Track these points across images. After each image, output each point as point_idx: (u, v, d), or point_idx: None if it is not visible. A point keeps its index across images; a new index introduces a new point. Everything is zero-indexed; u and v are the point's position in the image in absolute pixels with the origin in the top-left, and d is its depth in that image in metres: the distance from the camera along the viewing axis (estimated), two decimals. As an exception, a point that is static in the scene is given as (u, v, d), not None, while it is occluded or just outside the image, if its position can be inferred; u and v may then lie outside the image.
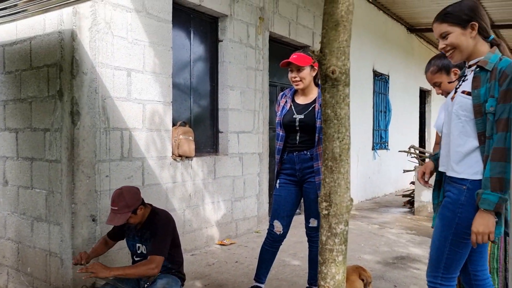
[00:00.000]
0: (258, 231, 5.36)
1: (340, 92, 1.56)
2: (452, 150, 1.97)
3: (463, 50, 1.94)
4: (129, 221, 2.71)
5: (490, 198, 1.76)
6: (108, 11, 3.56)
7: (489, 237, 1.79)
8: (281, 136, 3.11)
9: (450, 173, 1.99)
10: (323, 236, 1.62)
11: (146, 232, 2.80)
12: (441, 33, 1.98)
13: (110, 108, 3.59)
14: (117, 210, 2.66)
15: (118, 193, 2.71)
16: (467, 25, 1.91)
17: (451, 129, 1.98)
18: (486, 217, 1.79)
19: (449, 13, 1.95)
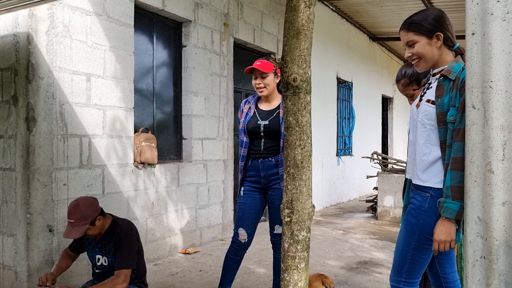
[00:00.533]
0: (223, 239, 5.31)
1: (301, 100, 1.56)
2: (418, 158, 2.00)
3: (428, 59, 1.98)
4: (87, 233, 2.63)
5: (452, 206, 1.79)
6: (67, 14, 3.45)
7: (451, 244, 1.83)
8: (245, 143, 3.10)
9: (416, 181, 2.03)
10: (286, 243, 1.62)
11: (108, 243, 2.72)
12: (407, 42, 1.99)
13: (68, 114, 3.47)
14: (74, 222, 2.56)
15: (74, 205, 2.62)
16: (432, 35, 1.94)
17: (417, 138, 2.01)
18: (447, 225, 1.82)
19: (415, 22, 1.97)
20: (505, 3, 1.58)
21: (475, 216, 1.64)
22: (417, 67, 2.04)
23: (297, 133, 1.55)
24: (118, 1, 3.91)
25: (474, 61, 1.63)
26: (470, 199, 1.66)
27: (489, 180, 1.60)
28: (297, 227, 1.55)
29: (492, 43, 1.59)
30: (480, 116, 1.62)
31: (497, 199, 1.59)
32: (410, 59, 2.03)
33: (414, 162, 2.05)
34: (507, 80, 1.57)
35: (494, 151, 1.59)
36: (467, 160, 1.67)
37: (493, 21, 1.59)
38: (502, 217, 1.58)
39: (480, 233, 1.63)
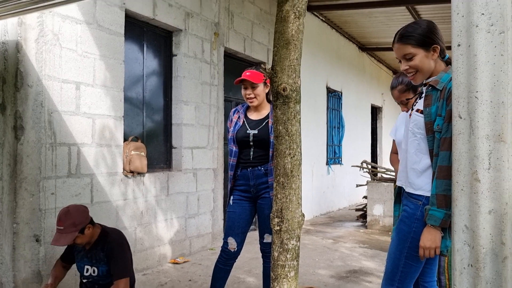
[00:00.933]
0: (212, 248, 5.28)
1: (291, 109, 1.58)
2: (409, 167, 2.03)
3: (426, 72, 1.97)
4: (76, 241, 2.60)
5: (436, 214, 1.82)
6: (57, 23, 3.44)
7: (435, 251, 1.85)
8: (235, 152, 3.10)
9: (408, 189, 2.05)
10: (275, 252, 1.62)
11: (98, 253, 2.70)
12: (405, 54, 1.96)
13: (57, 123, 3.45)
14: (63, 229, 2.55)
15: (65, 211, 2.60)
16: (430, 48, 1.94)
17: (408, 146, 2.04)
18: (433, 232, 1.84)
19: (411, 35, 1.94)
20: (489, 16, 1.62)
21: (462, 224, 1.66)
22: (413, 80, 2.01)
23: (286, 142, 1.56)
24: (109, 10, 3.92)
25: (460, 72, 1.66)
26: (457, 207, 1.68)
27: (475, 189, 1.62)
28: (286, 236, 1.56)
29: (477, 54, 1.62)
30: (466, 125, 1.65)
31: (484, 207, 1.61)
32: (406, 72, 2.01)
33: (405, 170, 2.08)
34: (492, 91, 1.61)
35: (480, 160, 1.62)
36: (454, 169, 1.70)
37: (478, 33, 1.62)
38: (489, 225, 1.61)
39: (467, 241, 1.65)
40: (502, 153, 1.61)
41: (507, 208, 1.62)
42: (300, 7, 1.56)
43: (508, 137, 1.63)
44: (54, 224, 3.41)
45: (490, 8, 1.62)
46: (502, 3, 1.61)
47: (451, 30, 1.70)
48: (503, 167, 1.62)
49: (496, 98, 1.60)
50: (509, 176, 1.65)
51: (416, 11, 7.53)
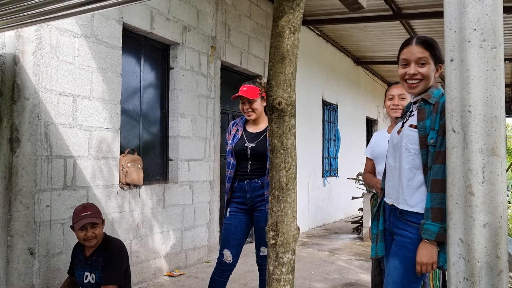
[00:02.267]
0: (208, 261, 5.25)
1: (286, 123, 1.59)
2: (403, 183, 2.00)
3: (427, 84, 1.99)
4: (95, 232, 2.73)
5: (431, 228, 1.80)
6: (54, 36, 3.46)
7: (433, 266, 1.84)
8: (232, 164, 3.11)
9: (402, 206, 2.00)
10: (270, 265, 1.62)
11: (98, 259, 2.76)
12: (420, 58, 1.96)
13: (53, 135, 3.45)
14: (91, 214, 2.72)
15: (86, 203, 2.88)
16: (437, 64, 1.99)
17: (402, 163, 2.01)
18: (429, 247, 1.83)
19: (433, 45, 1.97)
20: (481, 32, 1.65)
21: (457, 238, 1.67)
22: (414, 87, 2.01)
23: (282, 156, 1.57)
24: (107, 23, 3.95)
25: (453, 86, 1.69)
26: (452, 221, 1.69)
27: (470, 202, 1.64)
28: (282, 249, 1.55)
29: (470, 69, 1.65)
30: (460, 139, 1.67)
31: (478, 221, 1.62)
32: (411, 77, 1.99)
33: (398, 187, 2.04)
34: (485, 105, 1.63)
35: (474, 173, 1.63)
36: (449, 182, 1.71)
37: (471, 48, 1.65)
38: (483, 239, 1.61)
39: (462, 255, 1.66)
40: (495, 166, 1.62)
41: (501, 222, 1.63)
42: (296, 22, 1.58)
43: (501, 150, 1.65)
44: (48, 237, 3.39)
45: (482, 23, 1.65)
46: (494, 19, 1.64)
47: (444, 45, 1.73)
48: (497, 180, 1.63)
49: (489, 112, 1.62)
50: (502, 189, 1.66)
51: (410, 25, 7.63)
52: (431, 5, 6.51)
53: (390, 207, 2.09)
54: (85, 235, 2.71)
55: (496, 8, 1.67)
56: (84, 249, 2.84)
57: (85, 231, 2.71)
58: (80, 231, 2.72)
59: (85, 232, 2.71)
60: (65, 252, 3.51)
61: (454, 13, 1.72)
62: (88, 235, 2.71)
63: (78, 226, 2.70)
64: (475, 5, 1.67)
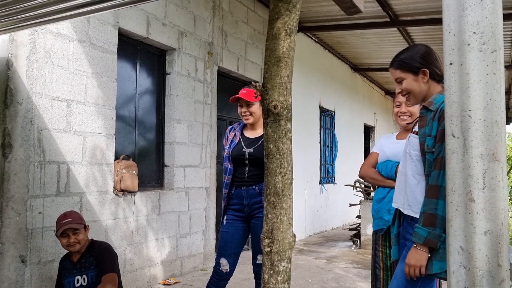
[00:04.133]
0: (204, 269, 5.18)
1: (282, 127, 1.55)
2: (408, 190, 2.03)
3: (417, 94, 2.02)
4: (78, 238, 2.79)
5: (420, 232, 1.82)
6: (49, 40, 3.43)
7: (421, 270, 1.83)
8: (229, 170, 3.06)
9: (407, 211, 2.03)
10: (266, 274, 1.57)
11: (88, 259, 2.84)
12: (396, 78, 2.06)
13: (46, 140, 3.40)
14: (72, 220, 2.78)
15: (67, 211, 2.94)
16: (418, 72, 1.99)
17: (406, 169, 2.04)
18: (418, 251, 1.84)
19: (401, 61, 2.03)
20: (481, 35, 1.62)
21: (458, 245, 1.62)
22: (408, 101, 2.11)
23: (277, 161, 1.53)
24: (102, 28, 3.91)
25: (453, 90, 1.65)
26: (452, 228, 1.64)
27: (470, 209, 1.59)
28: (277, 257, 1.51)
29: (469, 73, 1.61)
30: (460, 144, 1.63)
31: (479, 228, 1.58)
32: (401, 95, 2.09)
33: (404, 193, 2.06)
34: (485, 110, 1.59)
35: (475, 179, 1.59)
36: (448, 188, 1.67)
37: (470, 51, 1.62)
38: (485, 246, 1.57)
39: (463, 263, 1.61)
40: (496, 172, 1.58)
41: (503, 229, 1.59)
42: (292, 24, 1.55)
43: (502, 156, 1.61)
44: (40, 244, 3.33)
45: (481, 27, 1.62)
46: (494, 22, 1.61)
47: (443, 49, 1.70)
48: (498, 186, 1.59)
49: (489, 116, 1.58)
50: (504, 195, 1.62)
51: (408, 32, 7.63)
52: (428, 12, 6.52)
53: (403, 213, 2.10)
54: (67, 241, 2.81)
55: (496, 11, 1.64)
56: (71, 257, 2.91)
57: (67, 238, 2.81)
58: (62, 238, 2.82)
59: (67, 238, 2.81)
60: (57, 260, 3.43)
61: (453, 16, 1.69)
62: (71, 241, 2.80)
63: (59, 233, 2.80)
64: (475, 8, 1.64)
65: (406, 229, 2.08)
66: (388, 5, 6.31)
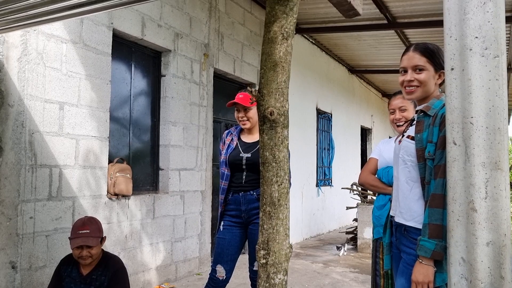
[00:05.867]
0: (199, 273, 5.11)
1: (278, 134, 1.50)
2: (400, 196, 1.95)
3: (426, 91, 1.92)
4: (91, 252, 2.57)
5: (427, 245, 1.72)
6: (41, 41, 3.36)
7: (429, 286, 1.75)
8: (226, 175, 3.01)
9: (398, 219, 1.96)
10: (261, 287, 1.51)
11: (100, 277, 2.62)
12: (416, 65, 1.91)
13: (38, 144, 3.33)
14: (90, 232, 2.56)
15: (87, 218, 2.68)
16: (438, 71, 1.91)
17: (399, 175, 1.96)
18: (425, 265, 1.74)
19: (431, 50, 1.92)
20: (483, 39, 1.57)
21: (459, 256, 1.57)
22: (410, 93, 1.95)
23: (274, 169, 1.47)
24: (96, 29, 3.85)
25: (454, 96, 1.60)
26: (453, 238, 1.59)
27: (472, 219, 1.54)
28: (273, 269, 1.45)
29: (471, 78, 1.56)
30: (462, 152, 1.58)
31: (481, 239, 1.53)
32: (408, 84, 1.94)
33: (396, 199, 1.99)
34: (488, 116, 1.54)
35: (477, 188, 1.54)
36: (449, 197, 1.62)
37: (472, 56, 1.57)
38: (487, 258, 1.52)
39: (464, 275, 1.56)
40: (499, 181, 1.53)
41: (505, 240, 1.54)
42: (289, 28, 1.50)
43: (504, 164, 1.56)
44: (31, 250, 3.26)
45: (483, 31, 1.57)
46: (496, 26, 1.56)
47: (444, 54, 1.65)
48: (500, 196, 1.54)
49: (492, 124, 1.54)
50: (506, 205, 1.58)
51: (405, 35, 7.60)
52: (426, 14, 6.49)
53: (396, 223, 2.02)
54: (80, 253, 2.59)
55: (498, 15, 1.59)
56: (80, 267, 2.69)
57: (80, 250, 2.59)
58: (75, 249, 2.60)
59: (80, 250, 2.59)
60: (49, 265, 3.37)
61: (454, 20, 1.64)
62: (83, 255, 2.59)
63: (73, 245, 2.58)
64: (477, 12, 1.59)
65: (400, 240, 1.98)
66: (386, 7, 6.28)
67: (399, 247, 2.00)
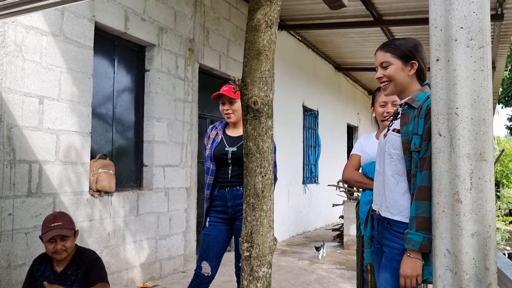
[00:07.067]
0: (184, 271, 5.06)
1: (262, 124, 1.46)
2: (386, 190, 1.93)
3: (398, 84, 1.93)
4: (66, 245, 2.51)
5: (415, 238, 1.70)
6: (20, 33, 3.27)
7: (417, 280, 1.74)
8: (212, 170, 2.95)
9: (384, 213, 1.93)
10: (245, 280, 1.48)
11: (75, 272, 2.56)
12: (382, 62, 1.95)
13: (17, 138, 3.24)
14: (62, 224, 2.50)
15: (57, 213, 2.65)
16: (408, 62, 1.91)
17: (385, 169, 1.94)
18: (413, 259, 1.73)
19: (395, 45, 1.94)
20: (468, 30, 1.56)
21: (444, 248, 1.56)
22: (384, 90, 1.98)
23: (257, 160, 1.44)
24: (77, 22, 3.76)
25: (439, 87, 1.59)
26: (438, 230, 1.58)
27: (457, 210, 1.53)
28: (257, 262, 1.42)
29: (456, 69, 1.55)
30: (447, 143, 1.57)
31: (466, 230, 1.52)
32: (380, 81, 1.98)
33: (382, 193, 1.97)
34: (473, 107, 1.53)
35: (462, 180, 1.53)
36: (435, 189, 1.60)
37: (457, 47, 1.56)
38: (472, 249, 1.51)
39: (449, 267, 1.55)
40: (484, 172, 1.52)
41: (490, 231, 1.53)
42: (273, 15, 1.46)
43: (489, 155, 1.55)
44: (10, 248, 3.17)
45: (469, 22, 1.56)
46: (481, 17, 1.55)
47: (430, 45, 1.64)
48: (485, 187, 1.53)
49: (477, 115, 1.53)
50: (491, 196, 1.57)
51: (391, 32, 7.64)
52: (411, 12, 6.52)
53: (377, 217, 2.00)
54: (54, 247, 2.49)
55: (483, 5, 1.58)
56: (54, 265, 2.59)
57: (54, 244, 2.49)
58: (48, 243, 2.50)
59: (54, 244, 2.49)
60: (28, 263, 3.28)
61: (439, 11, 1.62)
62: (58, 248, 2.49)
63: (46, 238, 2.48)
64: (462, 2, 1.58)
65: (382, 234, 1.97)
66: (372, 4, 6.29)
67: (381, 241, 1.98)
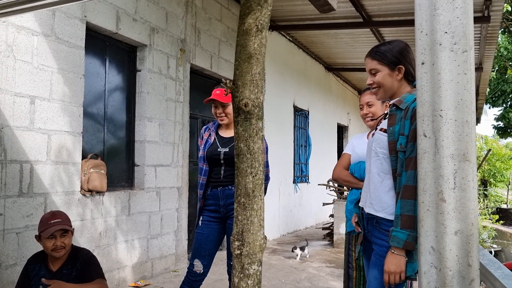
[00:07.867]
0: (176, 270, 5.08)
1: (253, 126, 1.50)
2: (371, 187, 1.98)
3: (387, 89, 1.99)
4: (65, 242, 2.51)
5: (399, 235, 1.76)
6: (11, 33, 3.27)
7: (401, 276, 1.79)
8: (205, 171, 3.00)
9: (368, 209, 1.99)
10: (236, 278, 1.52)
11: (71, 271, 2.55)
12: (370, 69, 2.00)
13: (8, 138, 3.24)
14: (61, 221, 2.52)
15: (55, 211, 2.65)
16: (395, 67, 1.96)
17: (371, 167, 2.00)
18: (397, 256, 1.78)
19: (380, 52, 1.98)
20: (453, 35, 1.61)
21: (429, 245, 1.62)
22: (375, 95, 2.06)
23: (248, 161, 1.48)
24: (68, 22, 3.77)
25: (424, 90, 1.64)
26: (423, 228, 1.63)
27: (441, 209, 1.59)
28: (247, 260, 1.46)
29: (441, 72, 1.61)
30: (432, 144, 1.62)
31: (450, 228, 1.57)
32: (371, 87, 2.04)
33: (367, 190, 2.02)
34: (456, 109, 1.59)
35: (446, 179, 1.58)
36: (420, 188, 1.66)
37: (442, 51, 1.61)
38: (455, 246, 1.57)
39: (434, 263, 1.61)
40: (467, 172, 1.58)
41: (473, 229, 1.59)
42: (263, 20, 1.50)
43: (472, 156, 1.61)
44: (1, 248, 3.18)
45: (453, 26, 1.61)
46: (465, 22, 1.61)
47: (415, 48, 1.69)
48: (468, 186, 1.59)
49: (460, 116, 1.58)
50: (474, 196, 1.63)
51: (380, 33, 7.72)
52: (401, 13, 6.61)
53: (367, 216, 2.05)
54: (53, 244, 2.48)
55: (467, 11, 1.63)
56: (49, 264, 2.57)
57: (54, 240, 2.48)
58: (48, 240, 2.48)
59: (54, 241, 2.48)
60: (19, 263, 3.29)
61: (425, 16, 1.68)
62: (57, 245, 2.48)
63: (47, 235, 2.46)
64: (446, 7, 1.63)
65: (371, 232, 2.02)
66: (361, 6, 6.36)
67: (371, 239, 2.03)
